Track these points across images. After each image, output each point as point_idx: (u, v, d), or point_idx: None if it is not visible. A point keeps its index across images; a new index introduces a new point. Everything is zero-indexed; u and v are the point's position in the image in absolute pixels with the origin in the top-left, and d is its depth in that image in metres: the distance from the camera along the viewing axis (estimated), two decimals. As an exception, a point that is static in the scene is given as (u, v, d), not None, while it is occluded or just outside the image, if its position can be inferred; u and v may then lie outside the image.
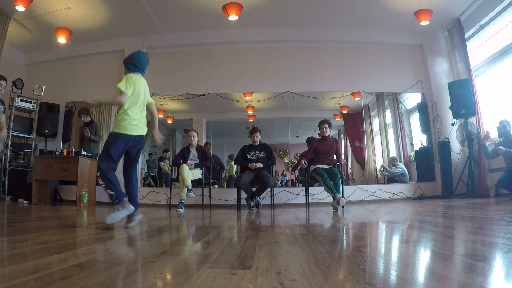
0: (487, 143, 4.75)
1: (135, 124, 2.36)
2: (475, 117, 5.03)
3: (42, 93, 5.72)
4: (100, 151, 2.34)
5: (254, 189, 4.46)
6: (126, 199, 2.26)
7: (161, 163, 6.72)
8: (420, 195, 5.48)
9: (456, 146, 5.41)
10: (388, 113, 6.47)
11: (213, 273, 1.00)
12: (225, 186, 6.51)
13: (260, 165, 4.42)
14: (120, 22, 5.62)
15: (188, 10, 5.31)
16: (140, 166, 5.86)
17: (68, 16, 5.18)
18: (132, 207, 2.26)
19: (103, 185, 2.25)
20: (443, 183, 5.35)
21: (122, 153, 2.36)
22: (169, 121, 6.75)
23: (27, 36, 5.86)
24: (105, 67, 6.19)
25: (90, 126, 5.40)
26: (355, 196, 5.42)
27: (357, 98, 6.10)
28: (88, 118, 5.42)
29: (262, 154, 4.56)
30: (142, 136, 2.44)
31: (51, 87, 6.01)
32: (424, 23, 4.94)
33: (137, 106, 2.40)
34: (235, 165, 4.93)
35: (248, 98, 6.14)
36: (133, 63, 2.44)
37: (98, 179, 2.27)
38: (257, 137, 4.58)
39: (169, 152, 6.93)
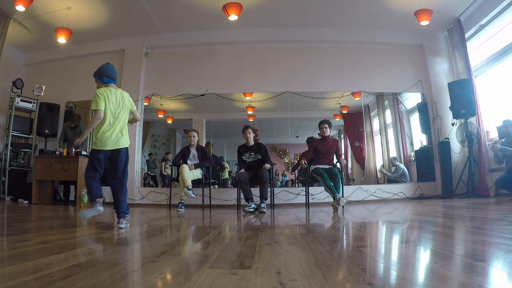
0: (497, 151, 4.52)
1: (106, 138, 2.39)
2: (475, 117, 5.03)
3: (42, 93, 5.72)
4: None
5: (254, 189, 4.41)
6: (99, 200, 2.38)
7: (163, 163, 6.73)
8: (420, 195, 5.48)
9: (456, 146, 5.41)
10: (388, 113, 6.47)
11: (213, 273, 1.00)
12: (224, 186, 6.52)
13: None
14: (120, 22, 5.62)
15: (188, 10, 5.31)
16: (140, 166, 5.87)
17: (68, 16, 5.18)
18: (99, 208, 2.37)
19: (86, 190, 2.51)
20: (443, 183, 5.35)
21: (103, 165, 2.43)
22: (169, 121, 6.75)
23: (27, 36, 5.86)
24: (105, 67, 6.18)
25: (75, 128, 5.41)
26: (355, 196, 5.42)
27: (357, 98, 6.10)
28: (75, 124, 5.45)
29: (258, 156, 4.39)
30: (120, 149, 2.45)
31: (51, 87, 6.01)
32: (424, 23, 4.94)
33: (107, 120, 2.41)
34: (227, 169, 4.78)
35: (248, 98, 6.14)
36: (108, 76, 2.52)
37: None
38: (249, 133, 4.39)
39: (170, 154, 6.94)
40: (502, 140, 4.46)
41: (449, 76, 5.78)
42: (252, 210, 3.97)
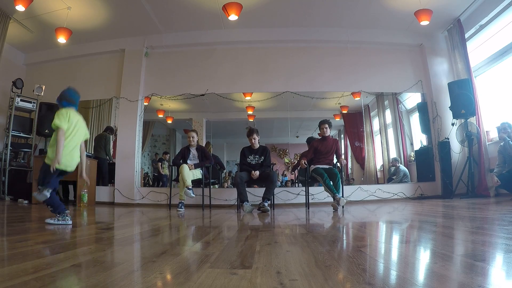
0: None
1: (70, 157, 2.51)
2: (475, 117, 5.03)
3: (42, 93, 5.72)
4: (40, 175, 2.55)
5: (252, 189, 4.41)
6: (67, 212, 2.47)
7: (160, 164, 6.73)
8: (420, 195, 5.48)
9: (456, 146, 5.41)
10: (388, 113, 6.47)
11: (213, 273, 1.00)
12: (225, 186, 6.52)
13: (257, 174, 4.26)
14: (120, 22, 5.62)
15: (188, 10, 5.31)
16: (140, 166, 5.87)
17: (68, 16, 5.18)
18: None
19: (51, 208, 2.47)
20: (443, 183, 5.35)
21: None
22: (169, 121, 6.76)
23: (27, 36, 5.86)
24: (105, 67, 6.19)
25: None
26: (355, 196, 5.41)
27: (357, 98, 6.10)
28: None
29: (262, 159, 4.41)
30: (74, 169, 2.60)
31: (51, 87, 5.99)
32: (424, 23, 4.94)
33: (73, 138, 2.52)
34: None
35: (248, 98, 6.14)
36: (66, 99, 2.59)
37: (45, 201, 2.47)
38: (254, 139, 4.40)
39: (168, 155, 6.93)
40: (501, 144, 4.45)
41: (449, 76, 5.78)
42: (249, 210, 3.97)
